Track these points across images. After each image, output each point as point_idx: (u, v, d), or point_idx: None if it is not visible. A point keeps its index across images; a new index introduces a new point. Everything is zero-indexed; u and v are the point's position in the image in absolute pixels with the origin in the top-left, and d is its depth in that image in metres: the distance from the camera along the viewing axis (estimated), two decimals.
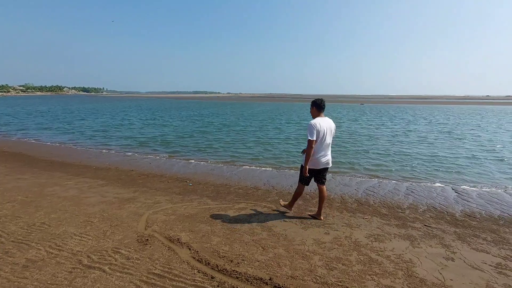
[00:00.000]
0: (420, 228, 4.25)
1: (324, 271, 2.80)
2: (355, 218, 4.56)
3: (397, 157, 10.14)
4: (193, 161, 9.34)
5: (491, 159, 9.98)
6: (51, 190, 5.56)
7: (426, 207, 5.46)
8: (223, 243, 3.35)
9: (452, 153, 11.03)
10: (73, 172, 7.35)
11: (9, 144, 12.36)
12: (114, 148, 11.65)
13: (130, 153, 10.53)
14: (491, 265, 3.11)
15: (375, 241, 3.60)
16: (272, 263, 2.93)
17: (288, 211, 4.64)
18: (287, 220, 4.23)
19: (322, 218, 4.34)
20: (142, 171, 7.74)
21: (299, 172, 4.24)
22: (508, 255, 3.40)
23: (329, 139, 3.96)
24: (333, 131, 4.04)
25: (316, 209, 4.54)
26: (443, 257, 3.24)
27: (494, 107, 57.19)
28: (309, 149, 3.77)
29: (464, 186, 7.02)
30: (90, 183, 6.25)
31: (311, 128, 3.76)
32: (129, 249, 3.14)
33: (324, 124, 3.88)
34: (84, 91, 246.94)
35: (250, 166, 8.67)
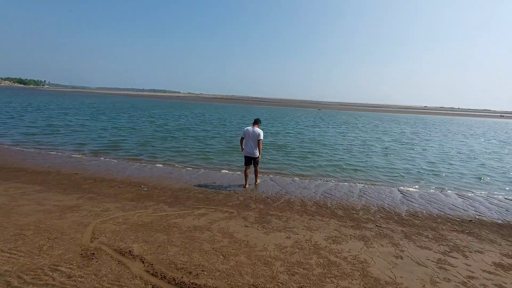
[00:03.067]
0: (372, 228, 4.53)
1: (286, 277, 2.79)
2: (315, 220, 4.68)
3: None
4: (147, 164, 8.76)
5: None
6: None
7: (377, 208, 5.87)
8: (181, 253, 3.13)
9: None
10: (2, 177, 6.32)
11: None
12: (58, 148, 10.38)
13: (76, 155, 9.47)
14: (433, 261, 3.42)
15: (333, 243, 3.72)
16: (234, 272, 2.82)
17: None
18: (249, 225, 4.16)
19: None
20: (89, 175, 6.99)
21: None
22: (446, 250, 3.79)
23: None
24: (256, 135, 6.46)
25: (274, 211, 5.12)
26: (393, 256, 3.48)
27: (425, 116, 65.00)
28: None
29: (408, 188, 7.75)
30: (24, 189, 5.43)
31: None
32: (71, 266, 2.75)
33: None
34: (20, 83, 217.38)
35: (210, 170, 8.44)
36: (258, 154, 6.50)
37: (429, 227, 4.87)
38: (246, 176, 6.70)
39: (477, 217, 5.71)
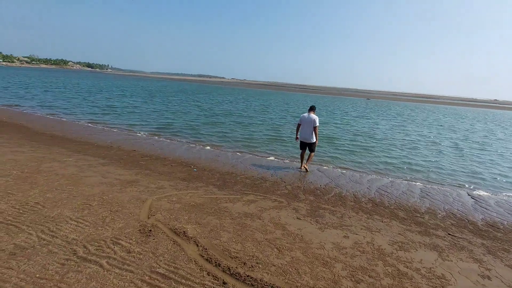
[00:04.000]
0: (444, 237, 3.91)
1: (350, 284, 2.47)
2: (373, 220, 4.22)
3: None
4: (195, 145, 8.97)
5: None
6: (48, 166, 5.22)
7: (445, 212, 5.12)
8: (234, 240, 3.02)
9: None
10: (73, 149, 7.01)
11: (9, 114, 11.99)
12: (118, 127, 11.27)
13: (133, 133, 10.16)
14: None
15: (400, 250, 3.27)
16: (290, 269, 2.60)
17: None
18: (301, 218, 3.90)
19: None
20: (145, 152, 7.39)
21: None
22: None
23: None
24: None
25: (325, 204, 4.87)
26: (478, 275, 2.91)
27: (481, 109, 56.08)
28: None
29: (480, 192, 6.67)
30: (91, 161, 5.91)
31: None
32: (130, 241, 2.82)
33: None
34: (88, 67, 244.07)
35: (255, 156, 8.30)
36: (313, 140, 6.70)
37: None
38: (302, 158, 7.09)
39: None
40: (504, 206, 5.87)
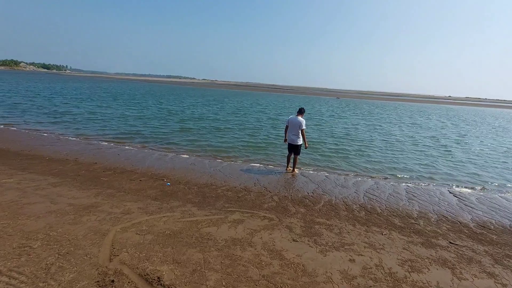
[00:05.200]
0: (448, 247, 3.65)
1: None
2: (373, 233, 3.85)
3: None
4: (167, 153, 8.11)
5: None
6: None
7: (437, 216, 4.96)
8: (224, 284, 2.40)
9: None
10: (17, 165, 5.85)
11: None
12: (77, 135, 9.96)
13: (95, 142, 9.00)
14: None
15: (413, 271, 2.89)
16: None
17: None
18: (297, 239, 3.38)
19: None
20: (108, 165, 6.43)
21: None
22: None
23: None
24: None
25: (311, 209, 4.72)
26: None
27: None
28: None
29: (460, 189, 6.71)
30: (38, 181, 4.89)
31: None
32: None
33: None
34: (44, 68, 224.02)
35: (233, 162, 7.69)
36: (300, 142, 6.64)
37: None
38: (288, 160, 7.05)
39: None
40: (485, 203, 5.90)
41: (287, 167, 7.04)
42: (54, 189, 4.51)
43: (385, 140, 12.61)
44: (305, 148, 6.91)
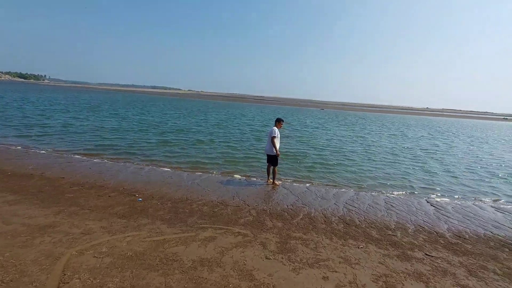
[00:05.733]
0: (423, 259, 3.60)
1: None
2: (349, 247, 3.75)
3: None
4: (143, 166, 7.78)
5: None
6: None
7: (414, 226, 4.96)
8: None
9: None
10: None
11: None
12: (49, 146, 9.42)
13: (67, 154, 8.51)
14: None
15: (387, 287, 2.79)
16: None
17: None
18: (270, 257, 3.22)
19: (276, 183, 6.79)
20: (77, 179, 6.05)
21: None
22: None
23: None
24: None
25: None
26: None
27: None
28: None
29: (437, 199, 6.81)
30: None
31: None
32: None
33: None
34: (21, 78, 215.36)
35: (213, 175, 7.48)
36: (273, 152, 6.52)
37: (488, 256, 3.94)
38: (268, 172, 6.96)
39: None
40: (460, 211, 6.00)
41: (268, 179, 6.94)
42: (9, 208, 4.13)
43: (366, 151, 12.81)
44: (278, 156, 6.56)
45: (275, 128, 6.60)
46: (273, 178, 6.79)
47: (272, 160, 6.63)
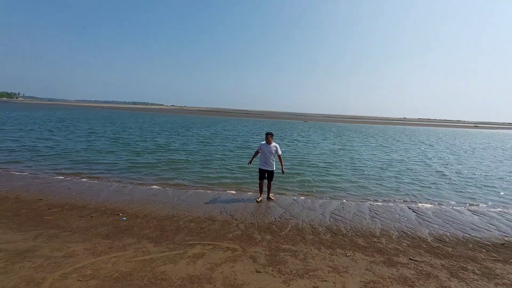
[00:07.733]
0: (408, 264, 3.73)
1: None
2: (337, 256, 3.83)
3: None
4: (126, 184, 7.56)
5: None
6: None
7: (398, 232, 5.14)
8: None
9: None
10: None
11: None
12: (25, 167, 8.96)
13: (43, 175, 8.13)
14: None
15: None
16: None
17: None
18: (261, 270, 3.22)
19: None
20: (56, 201, 5.81)
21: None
22: None
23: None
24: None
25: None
26: None
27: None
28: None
29: (418, 204, 7.09)
30: None
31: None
32: None
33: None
34: None
35: (199, 190, 7.40)
36: (273, 168, 6.57)
37: (468, 257, 4.14)
38: (261, 189, 6.71)
39: (505, 238, 5.11)
40: (440, 216, 6.27)
41: (260, 196, 6.70)
42: None
43: (351, 162, 13.14)
44: (248, 164, 6.87)
45: (276, 144, 6.51)
46: (269, 192, 6.76)
47: (270, 175, 6.58)
